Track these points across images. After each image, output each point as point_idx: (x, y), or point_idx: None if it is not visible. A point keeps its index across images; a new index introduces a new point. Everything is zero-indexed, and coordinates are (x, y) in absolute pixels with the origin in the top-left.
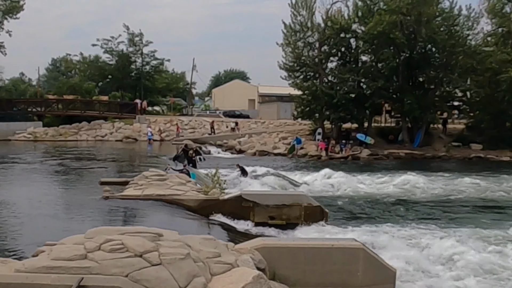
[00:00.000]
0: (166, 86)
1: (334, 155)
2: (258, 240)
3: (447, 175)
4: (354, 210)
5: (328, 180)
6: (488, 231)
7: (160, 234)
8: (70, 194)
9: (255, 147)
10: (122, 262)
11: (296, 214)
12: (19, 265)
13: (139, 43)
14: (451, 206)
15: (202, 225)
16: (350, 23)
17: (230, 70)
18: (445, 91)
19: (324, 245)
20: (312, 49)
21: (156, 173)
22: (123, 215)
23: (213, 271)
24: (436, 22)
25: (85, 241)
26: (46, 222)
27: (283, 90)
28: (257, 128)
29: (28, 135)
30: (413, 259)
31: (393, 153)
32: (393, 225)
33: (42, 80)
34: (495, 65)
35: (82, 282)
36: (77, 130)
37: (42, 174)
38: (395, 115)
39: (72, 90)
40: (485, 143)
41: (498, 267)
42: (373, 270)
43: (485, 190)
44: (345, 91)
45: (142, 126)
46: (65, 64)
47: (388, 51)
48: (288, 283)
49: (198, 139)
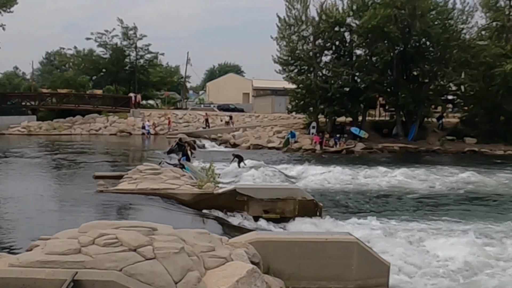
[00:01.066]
0: (161, 80)
1: (328, 148)
2: (252, 234)
3: (441, 169)
4: (349, 204)
5: (322, 173)
6: (482, 224)
7: (154, 228)
8: (63, 188)
9: (249, 141)
10: (116, 257)
11: (290, 208)
12: (13, 260)
13: (133, 37)
14: (445, 200)
15: (196, 219)
16: (345, 16)
17: (224, 64)
18: (439, 85)
19: (318, 239)
20: (306, 42)
21: (151, 167)
22: (117, 209)
23: (207, 265)
24: (430, 16)
25: (79, 236)
26: (40, 216)
27: (278, 84)
28: (251, 122)
29: (22, 129)
30: (407, 253)
31: (387, 147)
32: (387, 218)
33: (36, 74)
34: (489, 59)
35: (76, 277)
36: (71, 124)
37: (36, 168)
38: (389, 109)
39: (66, 84)
40: (479, 137)
41: (492, 260)
42: (367, 264)
43: (480, 184)
44: (339, 85)
45: (137, 120)
46: (59, 58)
47: (383, 45)
48: (282, 277)
49: (192, 133)
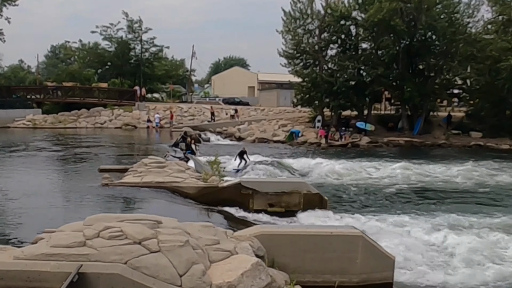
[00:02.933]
0: (166, 73)
1: (334, 142)
2: (257, 228)
3: (446, 163)
4: (354, 197)
5: (328, 167)
6: (486, 219)
7: (159, 221)
8: (69, 181)
9: (254, 135)
10: (121, 249)
11: (295, 202)
12: (18, 253)
13: (138, 30)
14: (450, 194)
15: (201, 213)
16: (350, 10)
17: (229, 57)
18: (445, 78)
19: (323, 233)
20: (312, 36)
21: (156, 160)
22: (122, 202)
23: (212, 258)
24: (436, 10)
25: (84, 228)
26: (45, 209)
27: (283, 78)
28: (256, 115)
29: (27, 123)
30: (412, 247)
31: (393, 140)
32: (391, 213)
33: (41, 67)
34: (495, 53)
35: (81, 269)
36: (76, 117)
37: (41, 161)
38: (395, 103)
39: (71, 77)
40: (485, 131)
41: (495, 254)
42: (372, 258)
43: (484, 177)
44: (345, 79)
45: (142, 113)
46: (64, 51)
47: (388, 38)
48: (287, 271)
49: (197, 126)
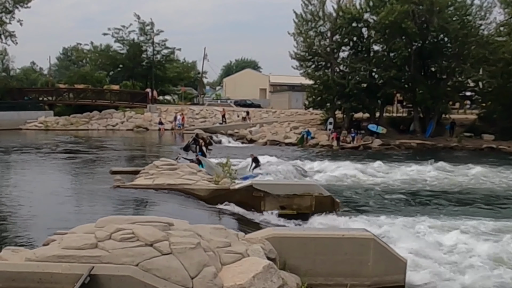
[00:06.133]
0: (177, 75)
1: (345, 145)
2: (268, 230)
3: (458, 166)
4: (366, 200)
5: (340, 169)
6: (502, 221)
7: (171, 223)
8: (80, 183)
9: (266, 137)
10: (133, 251)
11: (307, 204)
12: (30, 254)
13: (150, 32)
14: (461, 196)
15: (212, 215)
16: (362, 12)
17: (241, 60)
18: (457, 81)
19: (334, 235)
20: (323, 38)
21: (167, 163)
22: (133, 204)
23: (224, 261)
24: (448, 12)
25: (95, 230)
26: (56, 211)
27: (295, 80)
28: (268, 117)
29: (39, 124)
30: (425, 250)
31: (405, 143)
32: (403, 215)
33: (53, 69)
34: (507, 55)
35: (93, 271)
36: (88, 119)
37: (53, 163)
38: (406, 105)
39: (83, 79)
40: (497, 134)
41: (506, 257)
42: (384, 261)
43: (496, 180)
44: (356, 81)
45: (153, 115)
46: (76, 53)
47: (400, 40)
48: (298, 273)
49: (209, 129)
